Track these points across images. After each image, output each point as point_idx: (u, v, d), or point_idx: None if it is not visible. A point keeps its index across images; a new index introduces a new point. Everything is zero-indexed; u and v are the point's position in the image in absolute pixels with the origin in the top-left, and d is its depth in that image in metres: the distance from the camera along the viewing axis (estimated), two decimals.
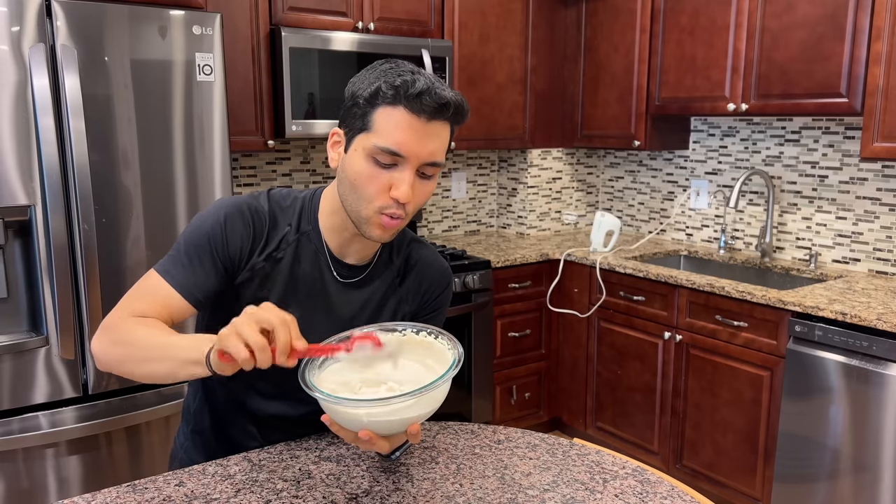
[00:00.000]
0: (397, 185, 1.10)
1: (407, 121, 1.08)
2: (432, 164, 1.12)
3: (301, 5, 2.85)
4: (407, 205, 1.11)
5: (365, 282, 1.28)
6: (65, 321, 2.11)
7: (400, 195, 1.09)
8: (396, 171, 1.10)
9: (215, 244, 1.17)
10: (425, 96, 1.07)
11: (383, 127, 1.08)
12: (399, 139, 1.07)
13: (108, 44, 2.12)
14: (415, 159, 1.09)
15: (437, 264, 1.35)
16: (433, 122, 1.09)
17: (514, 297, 3.33)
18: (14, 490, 2.12)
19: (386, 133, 1.08)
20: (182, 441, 1.41)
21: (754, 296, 2.61)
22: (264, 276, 1.21)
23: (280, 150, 3.26)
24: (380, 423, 1.00)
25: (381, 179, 1.10)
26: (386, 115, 1.08)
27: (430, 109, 1.07)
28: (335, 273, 1.25)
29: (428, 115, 1.08)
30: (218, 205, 1.21)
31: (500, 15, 3.43)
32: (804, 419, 2.50)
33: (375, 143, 1.09)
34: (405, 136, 1.07)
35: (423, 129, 1.08)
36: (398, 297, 1.32)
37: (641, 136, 3.39)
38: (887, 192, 2.87)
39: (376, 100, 1.09)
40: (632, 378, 3.16)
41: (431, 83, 1.08)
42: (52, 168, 2.04)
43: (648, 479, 1.23)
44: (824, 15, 2.64)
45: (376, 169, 1.10)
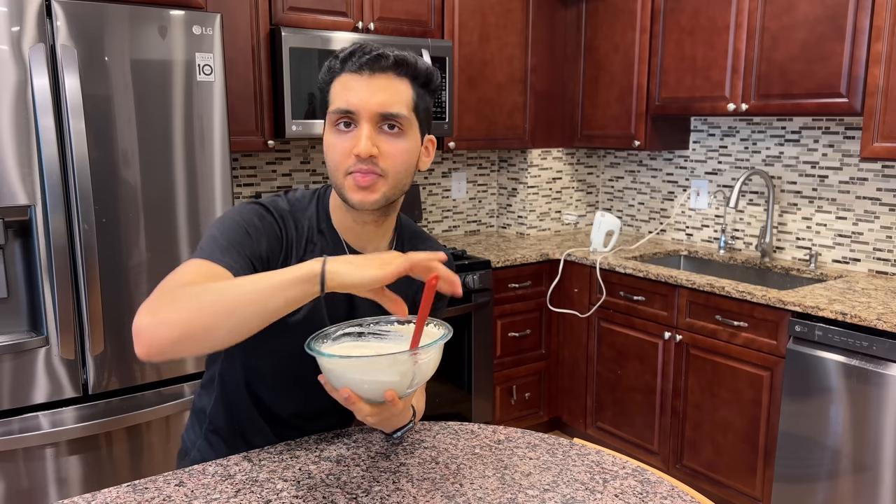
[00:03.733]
0: (355, 142, 1.13)
1: (351, 80, 1.14)
2: (389, 116, 1.13)
3: (301, 5, 2.85)
4: (377, 161, 1.13)
5: None
6: (65, 321, 2.11)
7: (359, 150, 1.12)
8: (354, 130, 1.14)
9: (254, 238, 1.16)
10: (358, 53, 1.13)
11: (335, 95, 1.16)
12: (346, 98, 1.13)
13: (108, 44, 2.12)
14: (364, 111, 1.13)
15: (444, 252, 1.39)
16: (377, 75, 1.13)
17: (514, 297, 3.33)
18: (14, 490, 2.12)
19: (336, 98, 1.15)
20: (194, 439, 1.42)
21: (754, 296, 2.61)
22: None
23: (280, 150, 3.26)
24: (357, 383, 1.02)
25: (343, 142, 1.14)
26: (335, 85, 1.16)
27: (368, 63, 1.13)
28: None
29: (369, 69, 1.13)
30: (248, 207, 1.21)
31: (500, 15, 3.43)
32: (804, 419, 2.50)
33: (330, 110, 1.16)
34: (350, 93, 1.13)
35: (368, 82, 1.13)
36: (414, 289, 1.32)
37: (641, 136, 3.39)
38: (887, 192, 2.87)
39: (327, 76, 1.17)
40: (632, 378, 3.16)
41: (373, 46, 1.14)
42: (52, 168, 2.04)
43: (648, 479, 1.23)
44: (824, 15, 2.64)
45: (338, 136, 1.15)
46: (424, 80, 1.17)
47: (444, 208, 3.84)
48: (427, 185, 3.75)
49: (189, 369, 2.38)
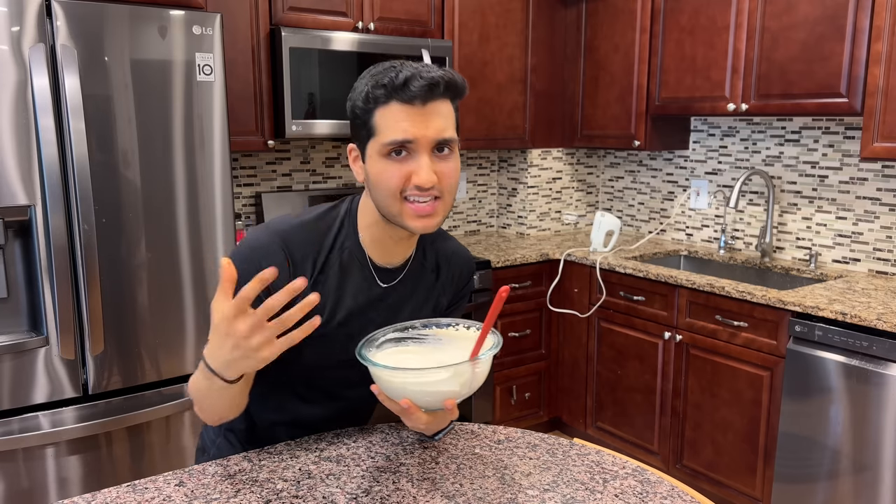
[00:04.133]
0: (416, 172, 1.12)
1: (404, 112, 1.10)
2: (444, 141, 1.14)
3: (301, 5, 2.85)
4: (435, 187, 1.13)
5: (405, 281, 1.31)
6: (65, 321, 2.11)
7: (421, 180, 1.12)
8: (411, 159, 1.13)
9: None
10: (412, 83, 1.09)
11: (385, 125, 1.11)
12: (402, 129, 1.10)
13: (108, 44, 2.12)
14: (424, 141, 1.12)
15: (464, 254, 1.41)
16: (429, 103, 1.11)
17: (514, 297, 3.33)
18: (14, 490, 2.12)
19: (389, 129, 1.11)
20: (213, 437, 1.43)
21: (754, 296, 2.61)
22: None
23: (280, 150, 3.26)
24: (417, 394, 1.05)
25: (400, 171, 1.13)
26: (383, 114, 1.11)
27: (422, 93, 1.10)
28: (378, 280, 1.28)
29: (421, 99, 1.10)
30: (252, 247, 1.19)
31: (500, 15, 3.43)
32: (804, 419, 2.50)
33: (383, 142, 1.12)
34: (407, 125, 1.10)
35: (422, 112, 1.11)
36: (437, 291, 1.37)
37: (641, 136, 3.39)
38: (887, 192, 2.87)
39: (370, 105, 1.12)
40: (632, 378, 3.16)
41: (416, 69, 1.11)
42: (52, 168, 2.04)
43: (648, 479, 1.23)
44: (824, 15, 2.64)
45: (393, 164, 1.13)
46: (462, 94, 1.17)
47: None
48: None
49: (189, 369, 2.38)
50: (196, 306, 2.36)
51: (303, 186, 3.33)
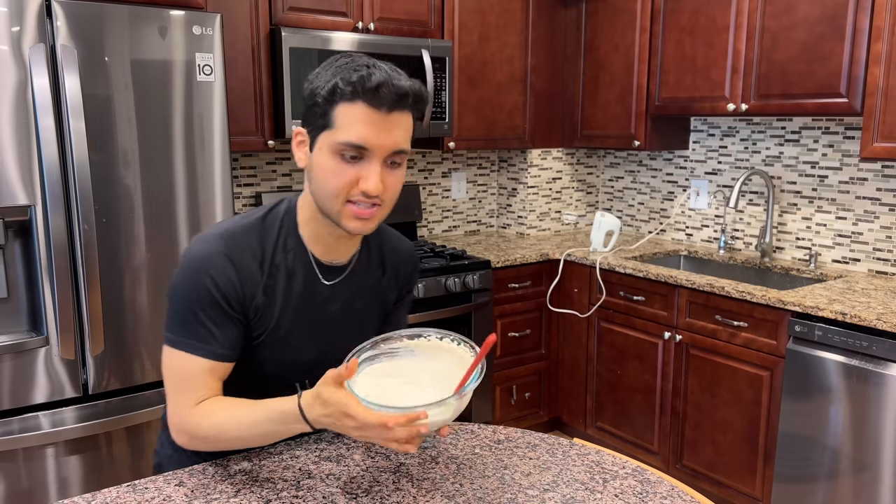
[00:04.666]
0: (366, 178, 1.11)
1: (367, 115, 1.09)
2: (398, 153, 1.12)
3: (301, 5, 2.85)
4: (379, 196, 1.12)
5: (351, 277, 1.29)
6: (65, 321, 2.11)
7: (370, 188, 1.10)
8: (363, 164, 1.11)
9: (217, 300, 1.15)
10: (383, 89, 1.08)
11: (345, 123, 1.09)
12: (361, 133, 1.08)
13: (108, 44, 2.12)
14: (380, 150, 1.10)
15: (406, 247, 1.39)
16: (393, 112, 1.10)
17: (514, 297, 3.33)
18: (14, 490, 2.12)
19: (348, 128, 1.09)
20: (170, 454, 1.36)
21: (754, 296, 2.61)
22: (265, 306, 1.21)
23: (280, 150, 3.26)
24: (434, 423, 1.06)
25: (349, 173, 1.11)
26: (346, 111, 1.09)
27: (390, 101, 1.08)
28: (323, 279, 1.26)
29: (388, 107, 1.09)
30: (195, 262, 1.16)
31: (500, 15, 3.43)
32: (804, 419, 2.50)
33: (338, 140, 1.09)
34: (367, 130, 1.08)
35: (385, 121, 1.09)
36: (384, 287, 1.35)
37: (641, 136, 3.39)
38: (887, 192, 2.87)
39: (335, 97, 1.10)
40: (632, 378, 3.16)
41: (388, 75, 1.09)
42: (52, 168, 2.04)
43: (648, 479, 1.23)
44: (824, 15, 2.64)
45: (342, 164, 1.11)
46: (423, 111, 1.16)
47: (444, 208, 3.84)
48: (427, 185, 3.75)
49: None
50: None
51: (303, 187, 3.33)
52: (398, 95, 1.08)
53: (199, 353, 1.15)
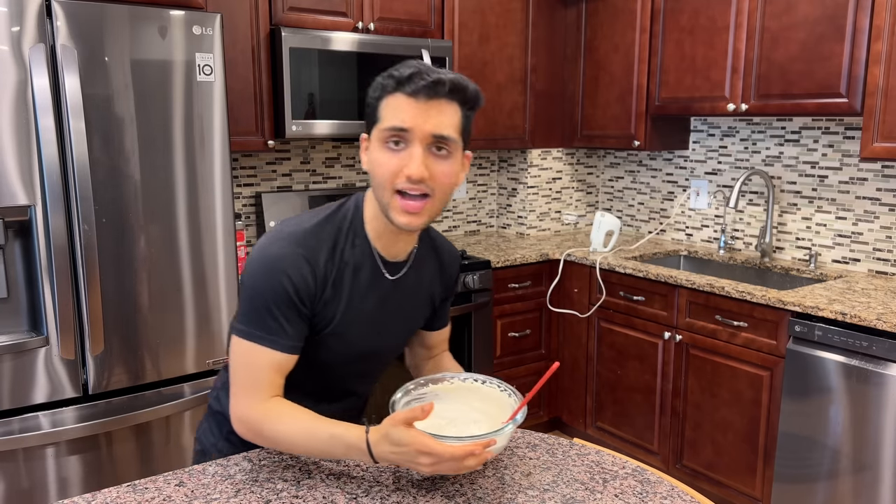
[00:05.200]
0: (408, 163, 1.15)
1: (406, 102, 1.15)
2: (441, 138, 1.16)
3: (301, 5, 2.85)
4: (427, 182, 1.16)
5: (409, 273, 1.35)
6: (65, 321, 2.11)
7: (412, 171, 1.14)
8: (406, 150, 1.16)
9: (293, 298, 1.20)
10: (416, 77, 1.14)
11: (387, 113, 1.16)
12: (401, 117, 1.14)
13: (108, 44, 2.12)
14: (419, 131, 1.14)
15: (451, 247, 1.47)
16: (432, 100, 1.15)
17: (514, 297, 3.33)
18: (14, 490, 2.12)
19: (390, 117, 1.15)
20: (214, 441, 1.43)
21: (754, 296, 2.61)
22: (329, 299, 1.26)
23: (280, 150, 3.26)
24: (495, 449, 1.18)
25: (394, 161, 1.16)
26: (388, 103, 1.16)
27: (425, 88, 1.14)
28: (387, 274, 1.31)
29: (425, 94, 1.14)
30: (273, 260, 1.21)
31: (500, 15, 3.43)
32: (804, 419, 2.50)
33: (382, 128, 1.16)
34: (406, 115, 1.14)
35: (424, 106, 1.14)
36: (434, 283, 1.42)
37: (641, 136, 3.39)
38: (887, 192, 2.87)
39: (379, 93, 1.17)
40: (632, 378, 3.16)
41: (426, 67, 1.15)
42: (52, 168, 2.04)
43: (648, 479, 1.23)
44: (824, 15, 2.64)
45: (388, 153, 1.16)
46: (473, 103, 1.20)
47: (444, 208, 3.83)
48: None
49: (189, 369, 2.38)
50: (196, 306, 2.36)
51: (303, 186, 3.33)
52: (432, 81, 1.14)
53: (268, 344, 1.20)
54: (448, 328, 1.53)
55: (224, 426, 1.41)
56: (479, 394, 1.28)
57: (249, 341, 1.21)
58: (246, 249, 2.84)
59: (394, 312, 1.34)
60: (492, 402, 1.26)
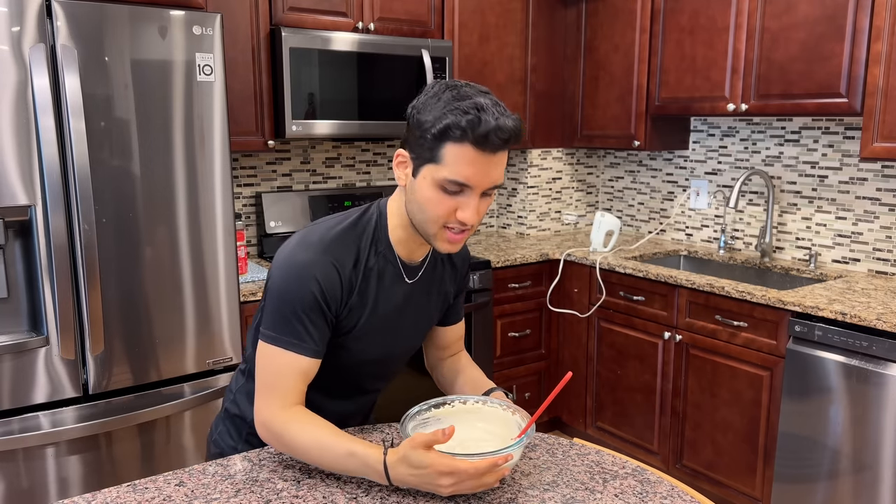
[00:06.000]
0: (463, 209, 1.19)
1: (474, 156, 1.16)
2: (495, 187, 1.21)
3: (301, 5, 2.85)
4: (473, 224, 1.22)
5: (425, 275, 1.39)
6: (65, 321, 2.11)
7: (467, 218, 1.19)
8: (462, 196, 1.19)
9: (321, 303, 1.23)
10: (492, 135, 1.14)
11: (452, 162, 1.16)
12: (466, 173, 1.16)
13: (109, 44, 2.12)
14: (480, 188, 1.18)
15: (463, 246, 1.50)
16: (497, 154, 1.17)
17: (514, 297, 3.33)
18: (14, 490, 2.12)
19: (455, 168, 1.16)
20: (233, 444, 1.44)
21: (754, 296, 2.61)
22: (354, 303, 1.29)
23: (280, 150, 3.26)
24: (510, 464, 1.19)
25: (449, 204, 1.20)
26: (454, 151, 1.16)
27: (496, 145, 1.16)
28: (406, 277, 1.35)
29: (493, 149, 1.16)
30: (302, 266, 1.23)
31: (500, 15, 3.43)
32: (804, 419, 2.50)
33: (445, 177, 1.17)
34: (473, 170, 1.16)
35: (489, 161, 1.17)
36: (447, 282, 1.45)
37: (641, 136, 3.39)
38: (887, 192, 2.87)
39: (445, 137, 1.16)
40: (632, 378, 3.16)
41: (496, 118, 1.15)
42: (53, 168, 2.04)
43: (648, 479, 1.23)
44: (824, 15, 2.64)
45: (444, 196, 1.19)
46: (518, 142, 1.23)
47: None
48: None
49: (189, 369, 2.38)
50: (196, 306, 2.36)
51: (303, 187, 3.33)
52: (504, 140, 1.16)
53: (295, 349, 1.23)
54: (462, 324, 1.55)
55: (243, 429, 1.43)
56: (482, 415, 1.30)
57: (277, 346, 1.23)
58: (246, 250, 2.84)
59: (411, 314, 1.37)
60: (496, 421, 1.28)
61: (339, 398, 1.41)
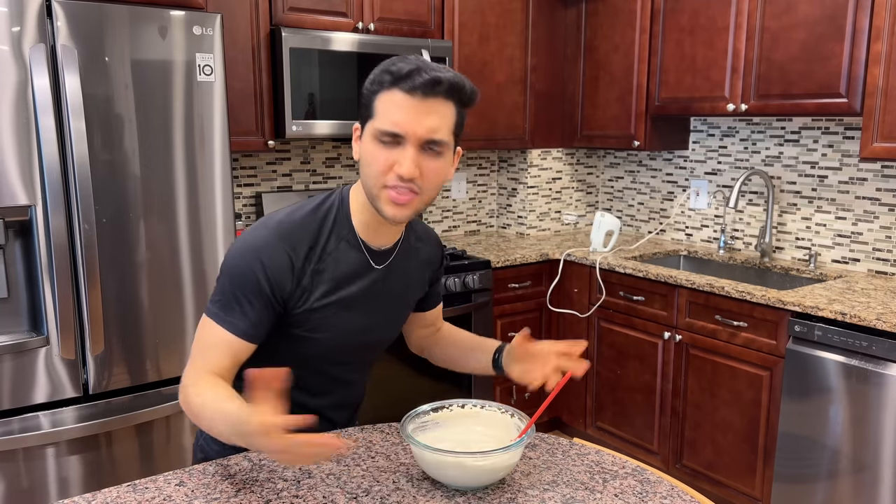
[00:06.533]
0: (400, 162, 1.16)
1: (402, 100, 1.15)
2: (433, 141, 1.17)
3: (301, 5, 2.85)
4: (416, 181, 1.18)
5: (396, 261, 1.37)
6: (65, 321, 2.11)
7: (402, 171, 1.16)
8: (399, 149, 1.17)
9: (264, 288, 1.22)
10: (415, 75, 1.14)
11: (382, 110, 1.16)
12: (396, 118, 1.15)
13: (109, 44, 2.12)
14: (413, 136, 1.16)
15: (433, 234, 1.49)
16: (429, 99, 1.15)
17: (514, 297, 3.33)
18: (14, 490, 2.12)
19: (385, 115, 1.16)
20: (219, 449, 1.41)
21: (754, 296, 2.61)
22: (313, 290, 1.27)
23: (280, 150, 3.26)
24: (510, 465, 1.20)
25: (387, 158, 1.17)
26: (384, 99, 1.16)
27: (423, 86, 1.14)
28: (373, 263, 1.33)
29: (422, 92, 1.14)
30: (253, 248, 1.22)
31: (500, 15, 3.43)
32: (804, 419, 2.50)
33: (377, 126, 1.17)
34: (401, 114, 1.15)
35: (419, 106, 1.15)
36: (421, 269, 1.43)
37: (641, 136, 3.39)
38: (887, 192, 2.87)
39: (375, 87, 1.17)
40: (632, 378, 3.16)
41: (425, 65, 1.15)
42: (53, 168, 2.04)
43: (648, 479, 1.23)
44: (824, 15, 2.64)
45: (381, 149, 1.18)
46: (469, 102, 1.21)
47: (444, 208, 3.84)
48: None
49: None
50: (196, 306, 2.36)
51: (303, 186, 3.33)
52: (430, 79, 1.14)
53: (225, 326, 1.22)
54: (441, 305, 1.56)
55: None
56: (480, 418, 1.30)
57: (211, 319, 1.23)
58: None
59: (383, 300, 1.35)
60: (494, 425, 1.28)
61: (319, 393, 1.39)
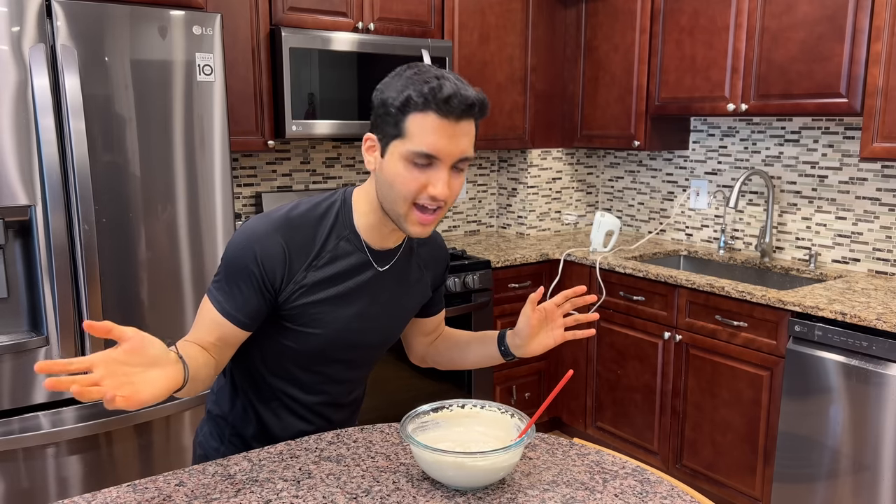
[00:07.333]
0: (434, 184, 1.18)
1: (438, 124, 1.16)
2: (465, 159, 1.20)
3: (301, 5, 2.85)
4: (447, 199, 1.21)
5: (399, 263, 1.38)
6: (65, 321, 2.11)
7: (438, 193, 1.18)
8: (432, 170, 1.18)
9: (254, 274, 1.24)
10: (453, 100, 1.15)
11: (416, 132, 1.16)
12: (432, 142, 1.16)
13: (109, 44, 2.12)
14: (448, 158, 1.18)
15: (437, 237, 1.50)
16: (461, 121, 1.17)
17: (514, 297, 3.33)
18: (14, 490, 2.12)
19: (419, 138, 1.16)
20: (216, 446, 1.44)
21: (754, 296, 2.61)
22: (309, 285, 1.28)
23: (280, 150, 3.26)
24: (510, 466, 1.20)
25: (419, 179, 1.18)
26: (418, 121, 1.16)
27: (458, 111, 1.16)
28: (375, 264, 1.33)
29: (456, 116, 1.16)
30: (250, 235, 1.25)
31: (500, 15, 3.43)
32: (804, 419, 2.50)
33: (410, 149, 1.17)
34: (437, 138, 1.16)
35: (454, 129, 1.17)
36: (423, 270, 1.44)
37: (641, 136, 3.39)
38: (887, 192, 2.87)
39: (407, 108, 1.17)
40: (632, 378, 3.16)
41: (457, 86, 1.16)
42: (52, 168, 2.04)
43: (648, 479, 1.23)
44: (824, 15, 2.64)
45: (413, 171, 1.18)
46: (484, 115, 1.23)
47: None
48: None
49: None
50: (196, 306, 2.36)
51: (303, 186, 3.33)
52: (467, 105, 1.16)
53: (216, 305, 1.25)
54: (443, 312, 1.56)
55: (225, 430, 1.43)
56: (480, 419, 1.30)
57: (209, 299, 1.27)
58: None
59: (385, 301, 1.36)
60: (494, 425, 1.29)
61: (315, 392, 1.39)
